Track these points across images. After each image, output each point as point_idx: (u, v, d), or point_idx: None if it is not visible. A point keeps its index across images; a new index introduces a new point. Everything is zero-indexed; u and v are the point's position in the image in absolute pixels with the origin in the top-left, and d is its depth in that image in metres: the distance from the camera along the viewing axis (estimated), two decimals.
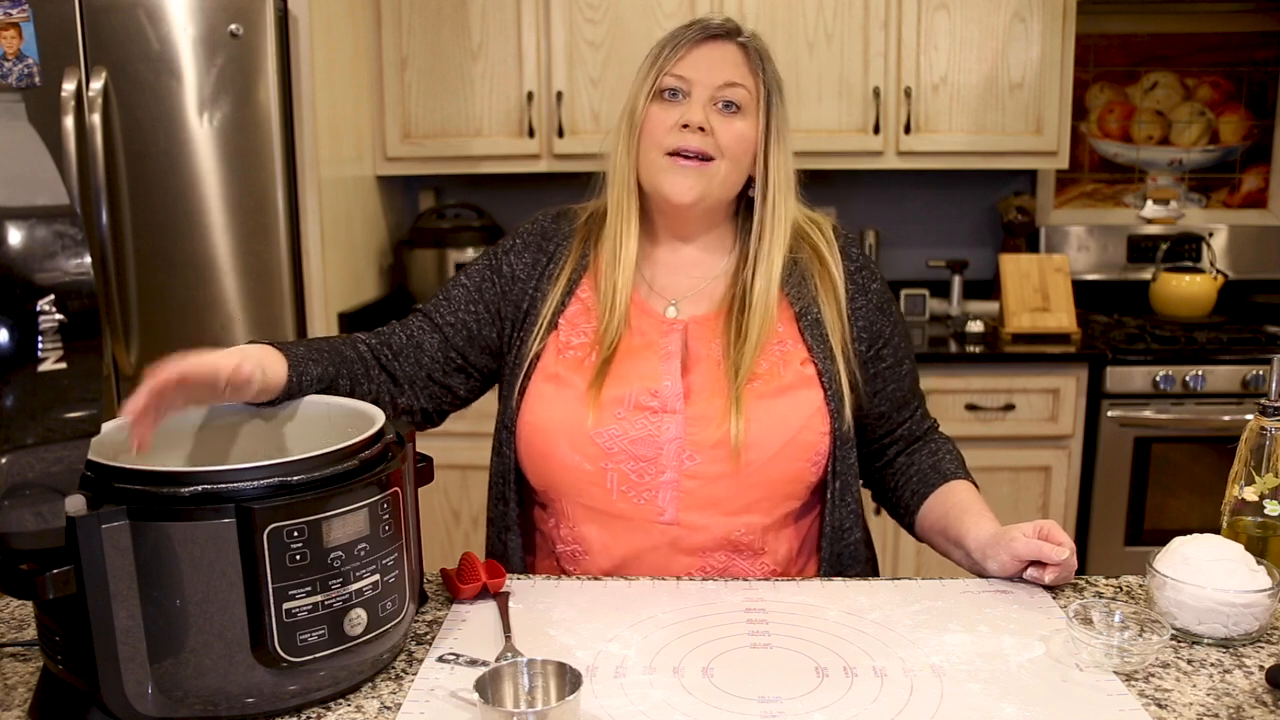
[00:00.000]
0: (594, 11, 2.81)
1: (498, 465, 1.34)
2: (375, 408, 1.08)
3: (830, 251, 1.34)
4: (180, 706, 0.88)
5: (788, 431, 1.25)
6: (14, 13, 0.80)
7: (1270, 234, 3.24)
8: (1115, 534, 2.73)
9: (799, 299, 1.31)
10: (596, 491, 1.25)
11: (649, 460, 1.24)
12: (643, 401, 1.25)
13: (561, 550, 1.30)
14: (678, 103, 1.27)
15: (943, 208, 3.28)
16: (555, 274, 1.34)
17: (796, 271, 1.33)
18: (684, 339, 1.29)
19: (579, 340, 1.30)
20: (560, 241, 1.37)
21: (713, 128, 1.26)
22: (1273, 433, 1.14)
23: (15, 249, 0.72)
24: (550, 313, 1.31)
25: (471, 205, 3.15)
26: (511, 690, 0.90)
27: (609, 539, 1.26)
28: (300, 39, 2.47)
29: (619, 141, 1.31)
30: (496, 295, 1.35)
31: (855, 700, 0.94)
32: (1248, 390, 2.65)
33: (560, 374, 1.28)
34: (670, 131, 1.26)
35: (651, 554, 1.26)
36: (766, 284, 1.29)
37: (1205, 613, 1.04)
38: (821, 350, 1.29)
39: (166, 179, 2.42)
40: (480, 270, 1.37)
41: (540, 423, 1.27)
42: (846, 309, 1.32)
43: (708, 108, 1.26)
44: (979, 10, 2.81)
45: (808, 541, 1.34)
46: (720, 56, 1.28)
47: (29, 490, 0.76)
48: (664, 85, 1.27)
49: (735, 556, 1.27)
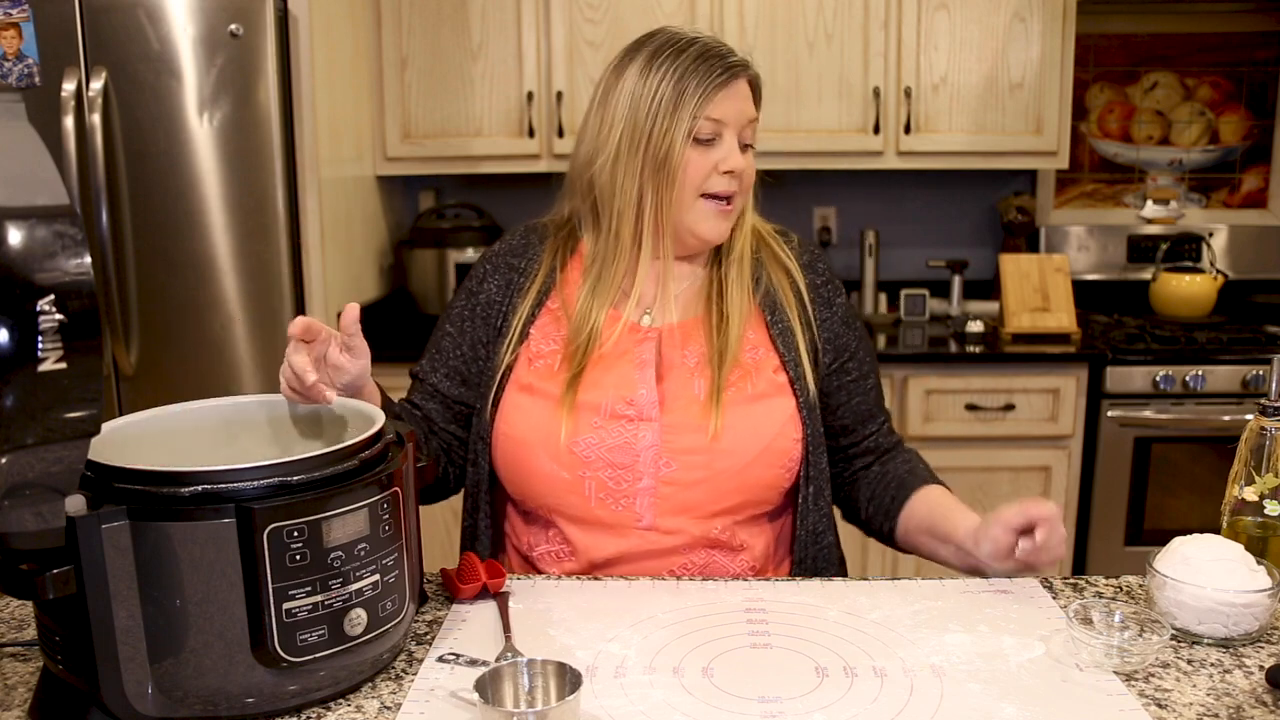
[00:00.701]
0: (594, 11, 2.81)
1: (472, 476, 1.35)
2: (375, 408, 1.08)
3: (792, 263, 1.36)
4: (180, 706, 0.88)
5: (762, 439, 1.26)
6: (14, 13, 0.80)
7: (1270, 234, 3.24)
8: (1115, 534, 2.73)
9: (769, 307, 1.33)
10: (574, 499, 1.26)
11: (626, 468, 1.25)
12: (618, 410, 1.26)
13: (542, 553, 1.31)
14: (712, 146, 1.26)
15: (943, 208, 3.28)
16: (525, 286, 1.35)
17: (764, 281, 1.34)
18: (658, 347, 1.30)
19: (549, 348, 1.31)
20: (531, 257, 1.37)
21: (740, 169, 1.27)
22: (1273, 433, 1.14)
23: (15, 249, 0.72)
24: (520, 323, 1.32)
25: (471, 205, 3.15)
26: (511, 690, 0.90)
27: (589, 542, 1.27)
28: (300, 39, 2.47)
29: (634, 178, 1.26)
30: (477, 327, 1.36)
31: (855, 700, 0.94)
32: (1248, 390, 2.65)
33: (533, 384, 1.29)
34: (710, 176, 1.26)
35: (631, 556, 1.27)
36: (740, 288, 1.31)
37: (1205, 613, 1.04)
38: (792, 358, 1.30)
39: (166, 179, 2.42)
40: (460, 310, 1.37)
41: (516, 434, 1.28)
42: (814, 320, 1.34)
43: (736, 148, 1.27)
44: (979, 10, 2.81)
45: (783, 539, 1.36)
46: (741, 94, 1.28)
47: (29, 490, 0.76)
48: (702, 133, 1.25)
49: (715, 553, 1.28)
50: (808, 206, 3.27)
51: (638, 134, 1.25)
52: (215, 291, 2.47)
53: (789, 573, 1.34)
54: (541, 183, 3.15)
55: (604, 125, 1.28)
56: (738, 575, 1.28)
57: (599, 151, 1.28)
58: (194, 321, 2.48)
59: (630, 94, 1.26)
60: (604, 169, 1.28)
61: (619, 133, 1.26)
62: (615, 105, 1.27)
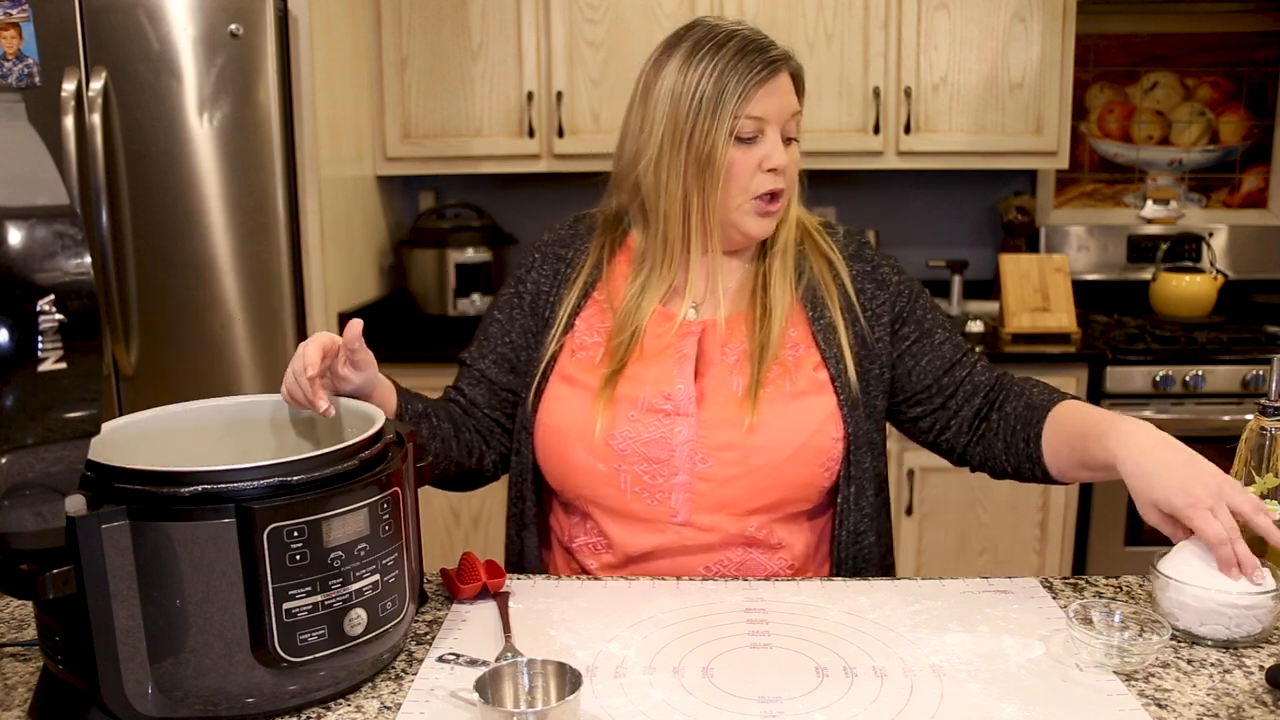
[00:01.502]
0: (594, 11, 2.81)
1: (516, 465, 1.35)
2: (375, 407, 1.08)
3: (836, 255, 1.34)
4: (180, 706, 0.88)
5: (799, 436, 1.25)
6: (14, 13, 0.80)
7: (1270, 234, 3.24)
8: (1115, 534, 2.73)
9: (811, 302, 1.31)
10: (610, 492, 1.26)
11: (661, 462, 1.24)
12: (655, 404, 1.25)
13: (581, 544, 1.31)
14: (755, 144, 1.25)
15: (943, 208, 3.28)
16: (572, 277, 1.35)
17: (807, 274, 1.33)
18: (699, 342, 1.29)
19: (592, 340, 1.31)
20: (578, 248, 1.38)
21: (783, 164, 1.26)
22: (1273, 433, 1.14)
23: (15, 249, 0.72)
24: (566, 314, 1.33)
25: (471, 205, 3.15)
26: (511, 690, 0.90)
27: (624, 536, 1.27)
28: (300, 39, 2.47)
29: (678, 179, 1.25)
30: (525, 315, 1.37)
31: (855, 700, 0.94)
32: (1248, 390, 2.64)
33: (574, 375, 1.29)
34: (755, 175, 1.25)
35: (667, 551, 1.27)
36: (784, 280, 1.30)
37: (1208, 614, 1.04)
38: (834, 354, 1.29)
39: (166, 179, 2.42)
40: (508, 299, 1.38)
41: (555, 424, 1.28)
42: (859, 307, 1.32)
43: (779, 143, 1.26)
44: (979, 10, 2.81)
45: (824, 539, 1.34)
46: (783, 89, 1.26)
47: (29, 490, 0.76)
48: (744, 132, 1.23)
49: (752, 551, 1.27)
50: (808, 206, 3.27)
51: (679, 133, 1.24)
52: (215, 291, 2.47)
53: (830, 574, 1.33)
54: (542, 183, 3.16)
55: (645, 124, 1.26)
56: (775, 574, 1.27)
57: (642, 152, 1.27)
58: (194, 321, 2.48)
59: (670, 92, 1.24)
60: (648, 170, 1.27)
61: (661, 132, 1.25)
62: (656, 103, 1.25)
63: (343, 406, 1.13)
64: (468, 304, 3.01)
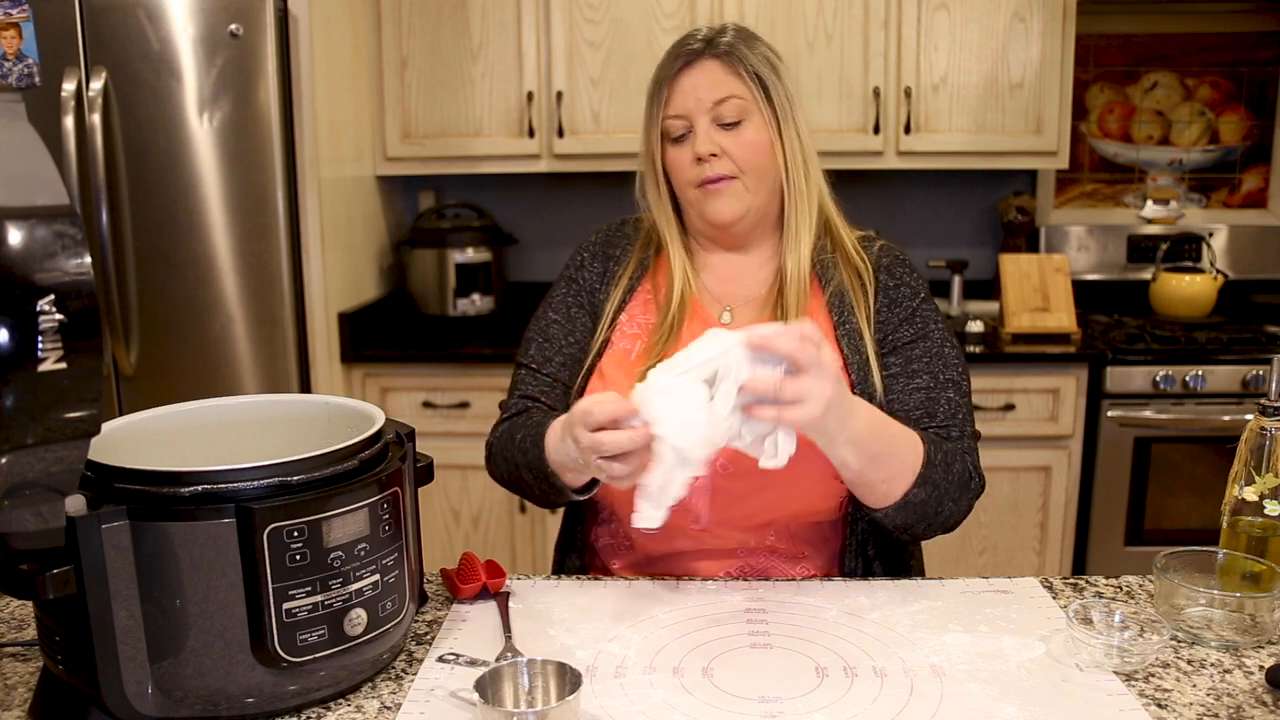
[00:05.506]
0: (594, 11, 2.81)
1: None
2: (375, 407, 1.08)
3: (864, 265, 1.34)
4: (180, 706, 0.88)
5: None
6: (14, 13, 0.80)
7: (1270, 234, 3.24)
8: (1115, 534, 2.73)
9: (838, 309, 1.31)
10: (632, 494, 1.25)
11: None
12: None
13: (605, 544, 1.32)
14: (688, 139, 1.29)
15: (943, 208, 3.28)
16: (619, 275, 1.38)
17: (835, 280, 1.32)
18: None
19: (632, 331, 1.33)
20: (625, 245, 1.41)
21: (724, 148, 1.27)
22: (1273, 433, 1.14)
23: (15, 249, 0.72)
24: (613, 310, 1.35)
25: (471, 205, 3.15)
26: (511, 690, 0.90)
27: (647, 538, 1.27)
28: (300, 39, 2.47)
29: (647, 184, 1.36)
30: (584, 312, 1.38)
31: (855, 700, 0.94)
32: (1248, 390, 2.64)
33: (607, 372, 1.31)
34: (690, 168, 1.29)
35: (687, 555, 1.27)
36: (797, 259, 1.31)
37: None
38: (857, 361, 1.28)
39: (166, 179, 2.42)
40: (562, 297, 1.40)
41: None
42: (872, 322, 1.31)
43: (712, 130, 1.28)
44: (979, 10, 2.81)
45: (848, 549, 1.30)
46: (702, 78, 1.28)
47: (29, 490, 0.76)
48: (669, 131, 1.30)
49: (774, 559, 1.28)
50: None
51: (642, 148, 1.34)
52: (215, 291, 2.47)
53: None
54: (541, 183, 3.16)
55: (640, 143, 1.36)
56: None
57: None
58: (194, 321, 2.48)
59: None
60: (640, 187, 1.37)
61: (640, 150, 1.35)
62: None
63: (343, 407, 1.13)
64: (468, 304, 3.01)
